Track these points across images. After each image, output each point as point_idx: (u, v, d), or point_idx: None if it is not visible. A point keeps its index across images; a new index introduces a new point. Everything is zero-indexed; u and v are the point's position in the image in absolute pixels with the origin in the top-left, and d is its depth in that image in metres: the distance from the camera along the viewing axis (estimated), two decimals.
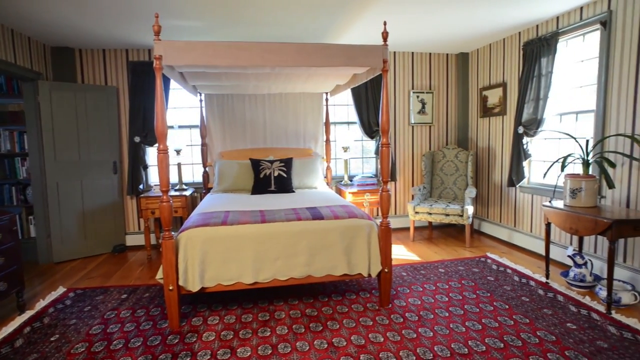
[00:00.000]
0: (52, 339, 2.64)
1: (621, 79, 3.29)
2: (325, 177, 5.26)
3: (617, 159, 3.34)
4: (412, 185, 5.61)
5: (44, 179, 4.29)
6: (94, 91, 4.55)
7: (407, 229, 5.49)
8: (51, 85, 4.25)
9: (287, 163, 4.56)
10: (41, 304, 3.19)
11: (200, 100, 4.90)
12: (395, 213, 5.62)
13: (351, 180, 5.28)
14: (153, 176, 5.05)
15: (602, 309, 2.89)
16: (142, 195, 4.46)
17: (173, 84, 4.75)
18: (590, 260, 3.39)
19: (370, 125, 5.22)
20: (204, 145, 4.94)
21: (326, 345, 2.47)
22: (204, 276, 2.77)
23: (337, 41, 4.61)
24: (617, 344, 2.42)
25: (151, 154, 4.98)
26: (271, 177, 4.42)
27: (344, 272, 2.94)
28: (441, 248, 4.63)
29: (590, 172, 3.22)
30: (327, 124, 5.20)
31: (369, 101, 5.18)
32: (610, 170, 3.38)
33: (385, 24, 2.85)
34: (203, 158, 4.96)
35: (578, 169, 3.65)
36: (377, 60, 2.85)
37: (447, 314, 2.88)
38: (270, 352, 2.42)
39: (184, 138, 4.83)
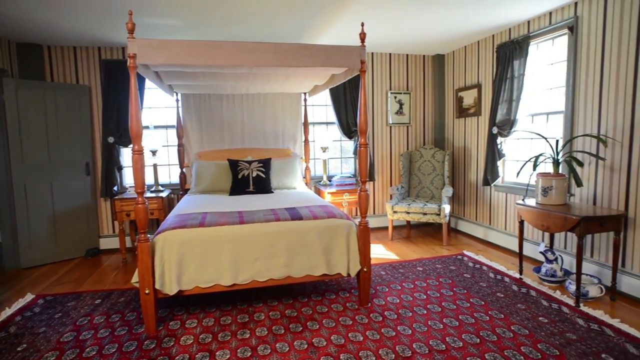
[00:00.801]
0: (19, 349, 2.53)
1: (587, 82, 3.42)
2: (304, 178, 5.26)
3: (585, 158, 3.47)
4: (391, 185, 5.68)
5: (10, 181, 4.11)
6: (64, 90, 4.40)
7: (386, 228, 5.55)
8: (17, 83, 4.08)
9: (266, 163, 4.53)
10: (7, 312, 3.06)
11: (177, 100, 4.81)
12: (374, 212, 5.67)
13: (330, 181, 5.30)
14: (128, 177, 4.92)
15: (571, 302, 3.00)
16: (116, 197, 4.34)
17: (148, 83, 4.64)
18: (560, 256, 3.51)
19: (349, 125, 5.25)
20: (180, 145, 4.86)
21: (306, 346, 2.47)
22: (181, 279, 2.72)
23: (315, 41, 4.62)
24: (585, 335, 2.52)
25: (126, 155, 4.86)
26: (249, 178, 4.38)
27: (323, 272, 2.95)
28: (419, 247, 4.70)
29: (560, 171, 3.34)
30: (306, 124, 5.20)
31: (347, 101, 5.21)
32: (578, 169, 3.51)
33: (362, 25, 2.88)
34: (180, 159, 4.87)
35: (549, 168, 3.77)
36: (354, 60, 2.87)
37: (425, 312, 2.92)
38: (249, 354, 2.40)
39: (160, 138, 4.74)
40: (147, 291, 2.60)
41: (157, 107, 5.04)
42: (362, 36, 2.86)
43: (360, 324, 2.75)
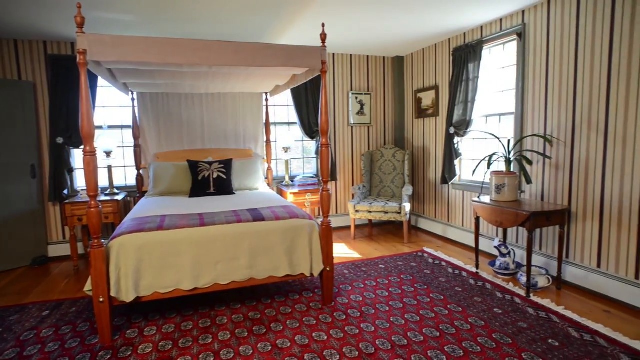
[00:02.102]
0: None
1: (534, 85, 3.64)
2: (266, 178, 5.22)
3: (533, 157, 3.68)
4: (353, 185, 5.75)
5: None
6: (4, 86, 4.08)
7: (348, 227, 5.62)
8: None
9: (227, 164, 4.45)
10: None
11: (132, 99, 4.61)
12: (337, 212, 5.71)
13: (292, 181, 5.28)
14: (80, 180, 4.66)
15: (522, 293, 3.18)
16: (67, 201, 4.10)
17: (101, 80, 4.42)
18: (513, 250, 3.70)
19: (311, 125, 5.26)
20: (137, 146, 4.66)
21: (270, 348, 2.45)
22: (139, 285, 2.62)
23: (276, 41, 4.59)
24: (534, 323, 2.68)
25: (77, 156, 4.60)
26: (210, 179, 4.28)
27: (287, 273, 2.94)
28: (381, 245, 4.80)
29: (511, 169, 3.52)
30: (268, 124, 5.16)
31: (309, 102, 5.22)
32: (528, 167, 3.72)
33: (323, 26, 2.90)
34: (136, 160, 4.67)
35: (502, 166, 3.97)
36: (315, 61, 2.88)
37: (387, 308, 2.98)
38: (212, 359, 2.34)
39: (114, 139, 4.50)
40: (101, 299, 2.48)
41: (111, 106, 4.81)
42: (323, 37, 2.88)
43: (324, 323, 2.76)
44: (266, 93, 5.11)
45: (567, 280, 3.40)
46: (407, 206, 4.70)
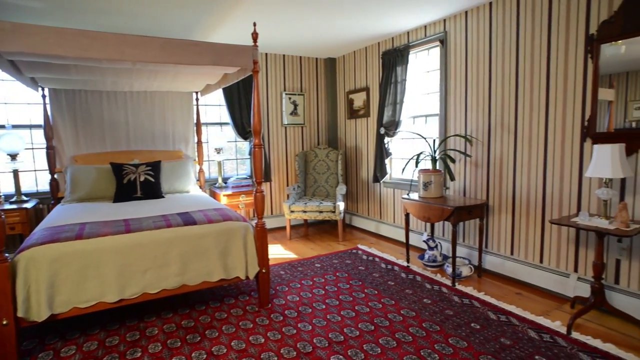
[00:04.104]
0: None
1: (455, 89, 3.92)
2: (197, 181, 5.02)
3: (456, 156, 3.96)
4: (287, 185, 5.75)
5: None
6: None
7: (284, 228, 5.60)
8: None
9: (155, 166, 4.20)
10: None
11: (43, 96, 4.16)
12: (272, 213, 5.67)
13: (226, 183, 5.15)
14: None
15: (449, 282, 3.41)
16: None
17: (3, 73, 3.93)
18: (440, 243, 3.95)
19: (244, 126, 5.16)
20: (50, 148, 4.21)
21: (205, 356, 2.36)
22: (54, 301, 2.37)
23: (206, 39, 4.43)
24: (459, 310, 2.89)
25: None
26: (137, 183, 4.02)
27: (221, 277, 2.86)
28: (317, 244, 4.85)
29: (437, 167, 3.76)
30: (199, 124, 4.97)
31: (241, 102, 5.12)
32: (451, 165, 3.99)
33: (255, 25, 2.86)
34: (50, 163, 4.22)
35: (429, 164, 4.21)
36: (247, 60, 2.83)
37: (324, 306, 3.02)
38: None
39: (21, 140, 4.03)
40: (5, 322, 2.19)
41: (16, 103, 4.30)
42: (255, 36, 2.84)
43: (261, 326, 2.73)
44: (196, 92, 4.92)
45: (487, 268, 3.70)
46: (341, 205, 4.80)
